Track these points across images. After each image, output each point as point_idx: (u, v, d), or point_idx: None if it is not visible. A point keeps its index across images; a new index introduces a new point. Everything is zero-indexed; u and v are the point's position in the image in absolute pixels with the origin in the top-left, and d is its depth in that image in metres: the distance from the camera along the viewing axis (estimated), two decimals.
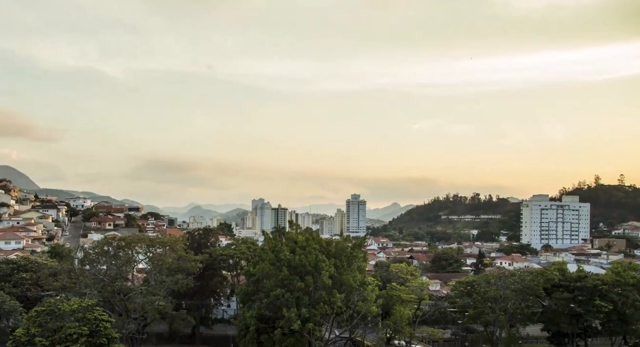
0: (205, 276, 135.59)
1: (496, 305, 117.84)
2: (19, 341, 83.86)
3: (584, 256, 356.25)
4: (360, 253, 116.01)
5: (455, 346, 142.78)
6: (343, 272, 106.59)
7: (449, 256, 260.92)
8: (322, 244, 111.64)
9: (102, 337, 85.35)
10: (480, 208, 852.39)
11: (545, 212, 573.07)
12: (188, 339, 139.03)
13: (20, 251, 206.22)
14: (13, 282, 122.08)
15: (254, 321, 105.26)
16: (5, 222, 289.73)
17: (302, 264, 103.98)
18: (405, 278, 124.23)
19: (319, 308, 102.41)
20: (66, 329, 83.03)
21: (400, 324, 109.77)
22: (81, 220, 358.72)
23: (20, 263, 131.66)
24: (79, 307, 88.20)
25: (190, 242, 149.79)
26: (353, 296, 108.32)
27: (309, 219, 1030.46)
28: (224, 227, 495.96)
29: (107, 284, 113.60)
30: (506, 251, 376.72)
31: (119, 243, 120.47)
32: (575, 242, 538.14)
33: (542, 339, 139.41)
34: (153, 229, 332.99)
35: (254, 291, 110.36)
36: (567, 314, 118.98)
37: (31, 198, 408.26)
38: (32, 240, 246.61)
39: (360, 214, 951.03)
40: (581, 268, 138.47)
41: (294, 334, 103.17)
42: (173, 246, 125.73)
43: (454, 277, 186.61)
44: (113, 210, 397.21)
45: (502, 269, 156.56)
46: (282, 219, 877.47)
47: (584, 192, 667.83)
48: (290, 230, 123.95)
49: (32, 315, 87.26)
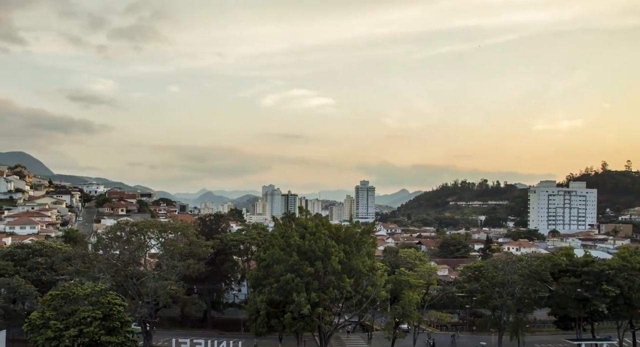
0: (216, 261, 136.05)
1: (504, 290, 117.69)
2: (34, 323, 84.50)
3: (590, 241, 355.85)
4: (369, 239, 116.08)
5: (463, 330, 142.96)
6: (352, 257, 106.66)
7: (457, 241, 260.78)
8: (332, 230, 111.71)
9: (115, 320, 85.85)
10: (488, 194, 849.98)
11: (552, 198, 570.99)
12: (200, 322, 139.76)
13: (35, 236, 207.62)
14: (28, 267, 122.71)
15: (264, 306, 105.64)
16: (20, 207, 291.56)
17: (311, 250, 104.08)
18: (413, 263, 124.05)
19: (329, 293, 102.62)
20: (80, 313, 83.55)
21: (409, 308, 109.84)
22: (94, 206, 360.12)
23: (35, 248, 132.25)
24: (93, 291, 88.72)
25: (201, 227, 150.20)
26: (362, 281, 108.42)
27: (319, 205, 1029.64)
28: (234, 213, 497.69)
29: (120, 269, 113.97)
30: (514, 236, 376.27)
31: (131, 228, 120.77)
32: (582, 227, 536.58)
33: (549, 323, 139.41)
34: (165, 215, 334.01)
35: (264, 276, 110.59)
36: (574, 299, 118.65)
37: (45, 184, 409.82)
38: (47, 225, 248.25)
39: (369, 200, 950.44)
40: (588, 253, 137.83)
41: (304, 318, 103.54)
42: (185, 231, 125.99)
43: (461, 262, 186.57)
44: (125, 196, 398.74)
45: (509, 255, 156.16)
46: (292, 205, 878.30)
47: (591, 178, 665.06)
48: (300, 216, 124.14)
49: (46, 299, 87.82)
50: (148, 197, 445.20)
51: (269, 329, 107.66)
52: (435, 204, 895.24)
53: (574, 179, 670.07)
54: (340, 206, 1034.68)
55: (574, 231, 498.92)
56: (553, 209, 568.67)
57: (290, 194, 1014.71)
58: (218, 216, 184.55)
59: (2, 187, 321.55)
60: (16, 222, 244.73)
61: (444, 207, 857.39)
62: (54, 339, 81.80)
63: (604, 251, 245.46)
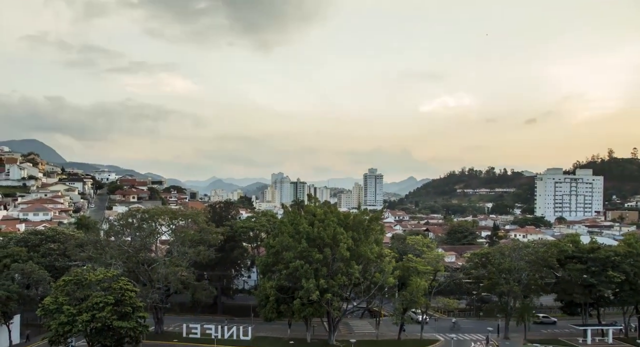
0: (226, 248, 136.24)
1: (510, 276, 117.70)
2: (48, 308, 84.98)
3: (597, 227, 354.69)
4: (377, 226, 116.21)
5: (470, 315, 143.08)
6: (360, 244, 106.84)
7: (464, 228, 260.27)
8: (340, 217, 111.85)
9: (127, 306, 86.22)
10: (495, 181, 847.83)
11: (559, 185, 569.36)
12: (210, 308, 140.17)
13: (48, 223, 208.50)
14: (41, 253, 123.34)
15: (273, 292, 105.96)
16: (33, 194, 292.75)
17: (320, 237, 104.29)
18: (421, 250, 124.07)
19: (337, 279, 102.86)
20: (93, 298, 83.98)
21: (417, 294, 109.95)
22: (106, 193, 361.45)
23: (48, 234, 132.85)
24: (105, 277, 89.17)
25: (211, 214, 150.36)
26: (370, 268, 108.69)
27: (327, 193, 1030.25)
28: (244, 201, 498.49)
29: (131, 255, 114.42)
30: (520, 223, 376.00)
31: (142, 215, 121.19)
32: (588, 214, 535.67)
33: (555, 309, 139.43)
34: (175, 202, 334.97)
35: (273, 263, 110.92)
36: (580, 285, 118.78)
37: (58, 171, 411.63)
38: (59, 212, 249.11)
39: (377, 188, 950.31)
40: (594, 240, 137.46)
41: (313, 304, 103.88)
42: (195, 218, 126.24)
43: (469, 249, 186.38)
44: (137, 183, 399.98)
45: (516, 241, 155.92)
46: (301, 192, 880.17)
47: (597, 166, 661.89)
48: (309, 203, 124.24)
49: (60, 284, 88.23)
50: (159, 185, 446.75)
51: (278, 314, 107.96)
52: (442, 192, 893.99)
53: (581, 166, 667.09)
54: (348, 193, 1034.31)
55: (580, 217, 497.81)
56: (559, 196, 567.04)
57: (299, 181, 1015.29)
58: (228, 203, 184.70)
59: (16, 175, 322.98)
60: (29, 208, 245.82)
61: (452, 195, 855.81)
62: (67, 323, 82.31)
63: (610, 237, 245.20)
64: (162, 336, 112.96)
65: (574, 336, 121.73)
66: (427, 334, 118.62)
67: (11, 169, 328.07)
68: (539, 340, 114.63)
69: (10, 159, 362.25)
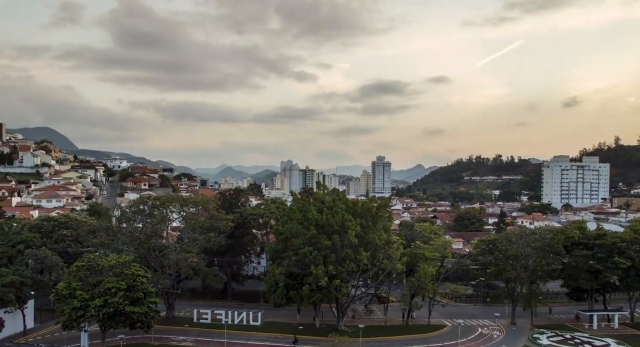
0: (236, 235, 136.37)
1: (517, 262, 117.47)
2: (61, 293, 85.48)
3: (603, 214, 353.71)
4: (386, 213, 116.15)
5: (477, 301, 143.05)
6: (369, 231, 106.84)
7: (471, 215, 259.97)
8: (349, 204, 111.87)
9: (138, 291, 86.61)
10: (502, 169, 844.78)
11: (565, 172, 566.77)
12: (220, 294, 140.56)
13: (60, 209, 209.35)
14: (54, 239, 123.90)
15: (283, 278, 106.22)
16: (46, 181, 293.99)
17: (329, 223, 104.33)
18: (429, 237, 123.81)
19: (346, 265, 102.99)
20: (105, 284, 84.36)
21: (424, 280, 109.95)
22: (118, 180, 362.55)
23: (61, 220, 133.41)
24: (117, 263, 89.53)
25: (221, 202, 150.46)
26: (378, 254, 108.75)
27: (336, 180, 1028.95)
28: (253, 188, 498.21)
29: (143, 241, 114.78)
30: (527, 210, 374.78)
31: (154, 202, 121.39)
32: (595, 201, 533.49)
33: (561, 294, 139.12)
34: (186, 189, 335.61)
35: (283, 249, 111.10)
36: (587, 271, 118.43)
37: (70, 158, 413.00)
38: (72, 198, 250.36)
39: (385, 176, 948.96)
40: (600, 226, 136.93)
41: (322, 290, 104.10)
42: (205, 205, 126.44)
43: (476, 235, 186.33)
44: (148, 171, 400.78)
45: (523, 228, 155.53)
46: (310, 180, 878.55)
47: (604, 153, 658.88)
48: (318, 191, 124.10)
49: (72, 270, 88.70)
50: (170, 172, 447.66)
51: (287, 300, 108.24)
52: (450, 179, 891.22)
53: (587, 153, 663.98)
54: (357, 181, 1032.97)
55: (586, 204, 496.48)
56: (566, 183, 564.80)
57: (308, 169, 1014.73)
58: (238, 191, 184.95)
59: (29, 162, 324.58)
60: (43, 195, 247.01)
61: (459, 182, 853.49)
62: (80, 308, 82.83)
63: (616, 224, 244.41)
64: (173, 321, 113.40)
65: (581, 321, 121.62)
66: (434, 320, 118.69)
67: (25, 156, 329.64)
68: (545, 325, 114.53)
69: (23, 146, 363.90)
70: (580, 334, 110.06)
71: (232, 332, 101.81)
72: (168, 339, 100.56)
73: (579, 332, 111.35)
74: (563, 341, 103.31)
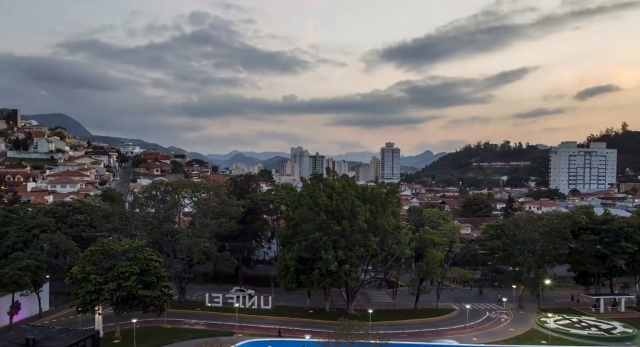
0: (247, 220, 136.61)
1: (525, 247, 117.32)
2: (76, 277, 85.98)
3: (610, 199, 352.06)
4: (394, 199, 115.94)
5: (485, 286, 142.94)
6: (378, 216, 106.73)
7: (479, 201, 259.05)
8: (358, 190, 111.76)
9: (151, 275, 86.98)
10: (510, 155, 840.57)
11: (573, 158, 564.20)
12: (231, 278, 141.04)
13: (75, 194, 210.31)
14: (69, 223, 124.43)
15: (293, 262, 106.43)
16: (60, 167, 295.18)
17: (339, 209, 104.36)
18: (437, 222, 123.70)
19: (355, 250, 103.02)
20: (118, 268, 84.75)
21: (433, 265, 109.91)
22: (130, 166, 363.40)
23: (75, 205, 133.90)
24: (130, 248, 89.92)
25: (232, 187, 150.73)
26: (387, 239, 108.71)
27: (345, 167, 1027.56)
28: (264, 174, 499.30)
29: (155, 226, 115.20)
30: (535, 195, 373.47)
31: (166, 188, 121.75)
32: (602, 186, 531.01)
33: (568, 278, 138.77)
34: (198, 175, 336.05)
35: (293, 234, 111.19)
36: (593, 255, 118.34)
37: (84, 145, 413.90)
38: (86, 184, 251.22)
39: (394, 162, 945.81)
40: (607, 211, 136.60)
41: (331, 275, 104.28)
42: (217, 191, 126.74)
43: (484, 221, 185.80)
44: (160, 157, 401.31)
45: (530, 213, 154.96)
46: (320, 166, 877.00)
47: (611, 139, 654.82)
48: (328, 177, 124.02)
49: (87, 254, 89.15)
50: (182, 158, 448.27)
51: (298, 285, 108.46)
52: (458, 165, 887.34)
53: (595, 139, 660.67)
54: (366, 167, 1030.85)
55: (594, 190, 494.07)
56: (574, 169, 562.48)
57: (318, 155, 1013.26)
58: (248, 177, 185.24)
59: (44, 148, 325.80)
60: (57, 181, 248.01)
61: (467, 168, 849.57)
62: (94, 292, 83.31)
63: (623, 209, 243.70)
64: (185, 305, 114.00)
65: (587, 305, 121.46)
66: (442, 304, 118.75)
67: (39, 142, 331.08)
68: (552, 309, 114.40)
69: (38, 132, 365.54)
70: (587, 317, 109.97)
71: (244, 316, 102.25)
72: (180, 322, 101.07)
73: (586, 316, 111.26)
74: (570, 324, 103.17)
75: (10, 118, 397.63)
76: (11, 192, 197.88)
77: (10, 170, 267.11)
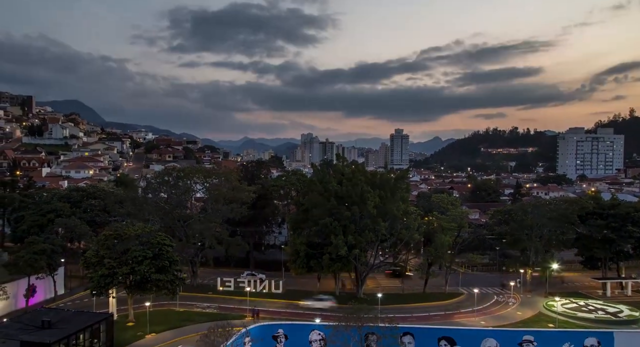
0: (258, 205, 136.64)
1: (532, 232, 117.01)
2: (90, 261, 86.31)
3: (617, 185, 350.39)
4: (404, 184, 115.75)
5: (493, 270, 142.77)
6: (387, 202, 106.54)
7: (487, 186, 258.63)
8: (368, 176, 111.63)
9: (164, 260, 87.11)
10: (518, 141, 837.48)
11: (580, 144, 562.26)
12: (242, 262, 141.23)
13: (89, 180, 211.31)
14: (83, 208, 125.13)
15: (303, 247, 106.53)
16: (75, 152, 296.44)
17: (348, 195, 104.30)
18: (446, 208, 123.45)
19: (365, 235, 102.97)
20: (132, 252, 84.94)
21: (441, 250, 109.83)
22: (143, 152, 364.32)
23: (89, 191, 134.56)
24: (143, 232, 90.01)
25: (244, 173, 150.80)
26: (396, 224, 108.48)
27: (355, 153, 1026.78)
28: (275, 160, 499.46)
29: (168, 211, 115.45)
30: (542, 181, 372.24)
31: (178, 174, 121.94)
32: (609, 172, 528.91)
33: (575, 263, 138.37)
34: (209, 161, 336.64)
35: (303, 219, 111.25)
36: (600, 240, 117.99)
37: (98, 131, 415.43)
38: (100, 169, 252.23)
39: (403, 148, 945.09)
40: (615, 196, 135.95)
41: (341, 260, 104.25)
42: (228, 177, 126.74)
43: (492, 206, 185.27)
44: (172, 143, 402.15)
45: (538, 199, 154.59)
46: (330, 152, 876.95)
47: (618, 125, 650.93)
48: (338, 163, 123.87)
49: (101, 238, 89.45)
50: (193, 145, 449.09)
51: (308, 269, 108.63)
52: (467, 151, 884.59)
53: (602, 125, 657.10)
54: (375, 153, 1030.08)
55: (601, 175, 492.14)
56: (581, 154, 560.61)
57: (328, 141, 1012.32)
58: (259, 163, 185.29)
59: (58, 134, 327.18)
60: (71, 166, 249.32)
61: (476, 154, 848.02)
62: (107, 275, 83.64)
63: (630, 194, 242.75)
64: (197, 289, 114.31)
65: (594, 289, 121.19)
66: (450, 288, 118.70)
67: (54, 128, 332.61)
68: (559, 293, 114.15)
69: (53, 118, 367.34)
70: (593, 301, 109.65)
71: (255, 300, 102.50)
72: (192, 305, 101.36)
73: (593, 300, 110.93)
74: (577, 308, 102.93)
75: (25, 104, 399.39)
76: (26, 178, 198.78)
77: (26, 156, 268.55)
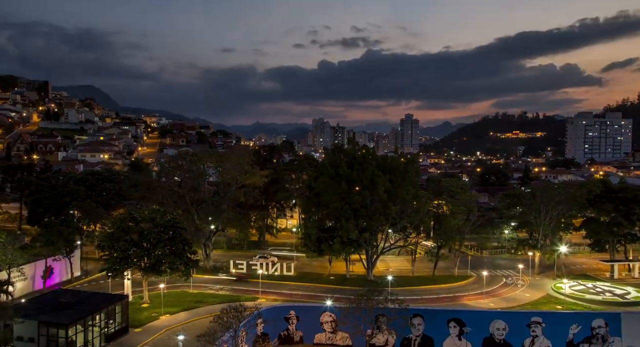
0: (270, 189, 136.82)
1: (540, 215, 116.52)
2: (105, 244, 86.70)
3: (625, 168, 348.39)
4: (413, 168, 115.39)
5: (502, 253, 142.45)
6: (397, 186, 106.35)
7: (496, 170, 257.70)
8: (378, 160, 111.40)
9: (178, 243, 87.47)
10: (527, 125, 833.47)
11: (589, 128, 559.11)
12: (255, 245, 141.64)
13: (104, 163, 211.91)
14: (98, 192, 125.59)
15: (315, 231, 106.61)
16: (90, 137, 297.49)
17: (359, 179, 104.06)
18: (455, 191, 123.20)
19: (375, 219, 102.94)
20: (147, 235, 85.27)
21: (450, 233, 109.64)
22: (157, 136, 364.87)
23: (104, 175, 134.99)
24: (157, 216, 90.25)
25: (256, 158, 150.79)
26: (406, 208, 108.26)
27: (366, 137, 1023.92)
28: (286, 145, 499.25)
29: (181, 195, 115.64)
30: (551, 165, 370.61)
31: (191, 158, 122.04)
32: (617, 156, 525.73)
33: (584, 245, 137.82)
34: (222, 146, 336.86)
35: (315, 203, 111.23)
36: (609, 223, 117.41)
37: (112, 115, 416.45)
38: (114, 154, 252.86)
39: (414, 132, 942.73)
40: (623, 180, 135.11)
41: (352, 243, 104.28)
42: (240, 161, 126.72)
43: (501, 190, 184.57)
44: (185, 128, 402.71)
45: (547, 182, 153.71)
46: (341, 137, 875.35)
47: (627, 109, 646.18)
48: (349, 147, 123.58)
49: (116, 221, 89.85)
50: (206, 129, 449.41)
51: (319, 252, 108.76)
52: (476, 135, 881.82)
53: (611, 109, 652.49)
54: (385, 138, 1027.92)
55: (609, 159, 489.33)
56: (590, 138, 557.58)
57: (339, 126, 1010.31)
58: (271, 147, 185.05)
59: (74, 118, 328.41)
60: (87, 150, 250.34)
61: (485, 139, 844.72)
62: (123, 258, 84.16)
63: (639, 177, 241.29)
64: (210, 271, 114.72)
65: (602, 271, 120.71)
66: (460, 270, 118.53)
67: (70, 113, 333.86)
68: (567, 275, 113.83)
69: (68, 103, 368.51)
70: (601, 283, 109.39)
71: (267, 282, 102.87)
72: (206, 287, 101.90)
73: (600, 282, 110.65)
74: (585, 290, 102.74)
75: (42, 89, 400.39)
76: (43, 161, 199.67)
77: (42, 140, 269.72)
